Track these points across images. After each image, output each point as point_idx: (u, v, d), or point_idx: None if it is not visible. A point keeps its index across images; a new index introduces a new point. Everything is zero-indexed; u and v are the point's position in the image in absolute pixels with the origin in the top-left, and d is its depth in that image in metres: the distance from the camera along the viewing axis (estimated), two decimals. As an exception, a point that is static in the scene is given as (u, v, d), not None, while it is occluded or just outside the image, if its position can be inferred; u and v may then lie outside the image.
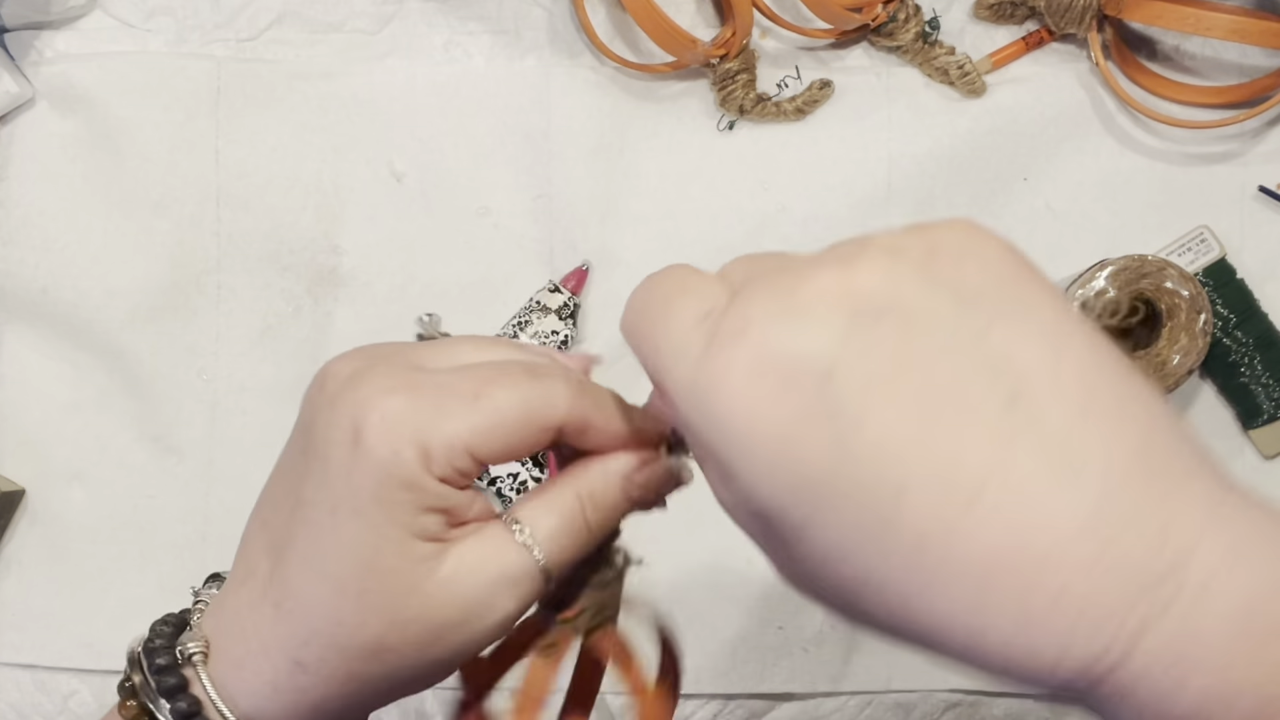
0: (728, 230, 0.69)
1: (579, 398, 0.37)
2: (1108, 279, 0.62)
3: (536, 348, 0.40)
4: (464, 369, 0.36)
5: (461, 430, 0.34)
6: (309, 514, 0.35)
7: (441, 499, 0.34)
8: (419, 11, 0.70)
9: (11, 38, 0.70)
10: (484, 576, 0.35)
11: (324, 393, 0.36)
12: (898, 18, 0.67)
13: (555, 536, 0.36)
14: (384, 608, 0.34)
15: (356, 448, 0.34)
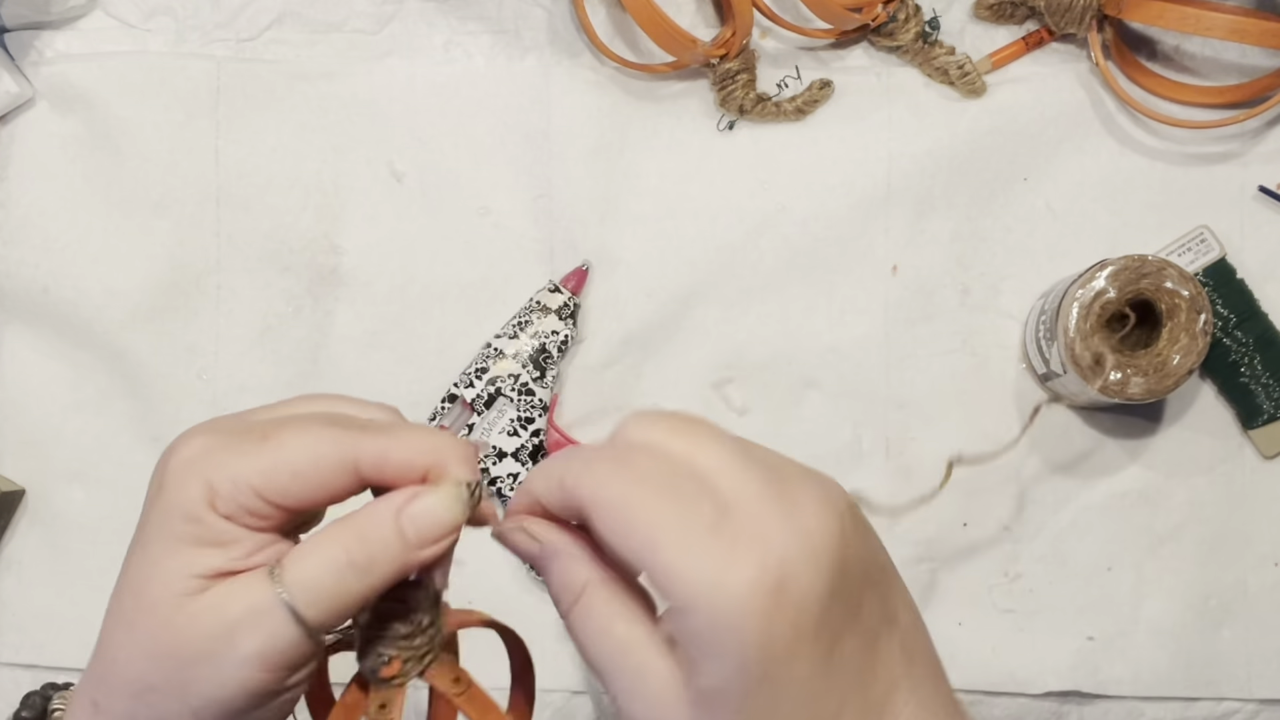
0: (728, 230, 0.69)
1: (376, 439, 0.37)
2: (1108, 279, 0.62)
3: (381, 405, 0.40)
4: (272, 419, 0.37)
5: (247, 469, 0.35)
6: (125, 560, 0.37)
7: (221, 535, 0.35)
8: (419, 11, 0.70)
9: (11, 38, 0.70)
10: (226, 611, 0.35)
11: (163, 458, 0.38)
12: (898, 18, 0.67)
13: (313, 577, 0.36)
14: (144, 640, 0.36)
15: (159, 492, 0.36)
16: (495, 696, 0.41)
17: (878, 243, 0.69)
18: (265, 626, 0.35)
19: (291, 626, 0.35)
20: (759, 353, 0.69)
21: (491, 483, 0.67)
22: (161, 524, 0.36)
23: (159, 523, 0.36)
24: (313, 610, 0.36)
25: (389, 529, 0.37)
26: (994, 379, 0.69)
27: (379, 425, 0.37)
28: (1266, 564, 0.67)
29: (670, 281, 0.69)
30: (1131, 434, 0.68)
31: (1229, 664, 0.67)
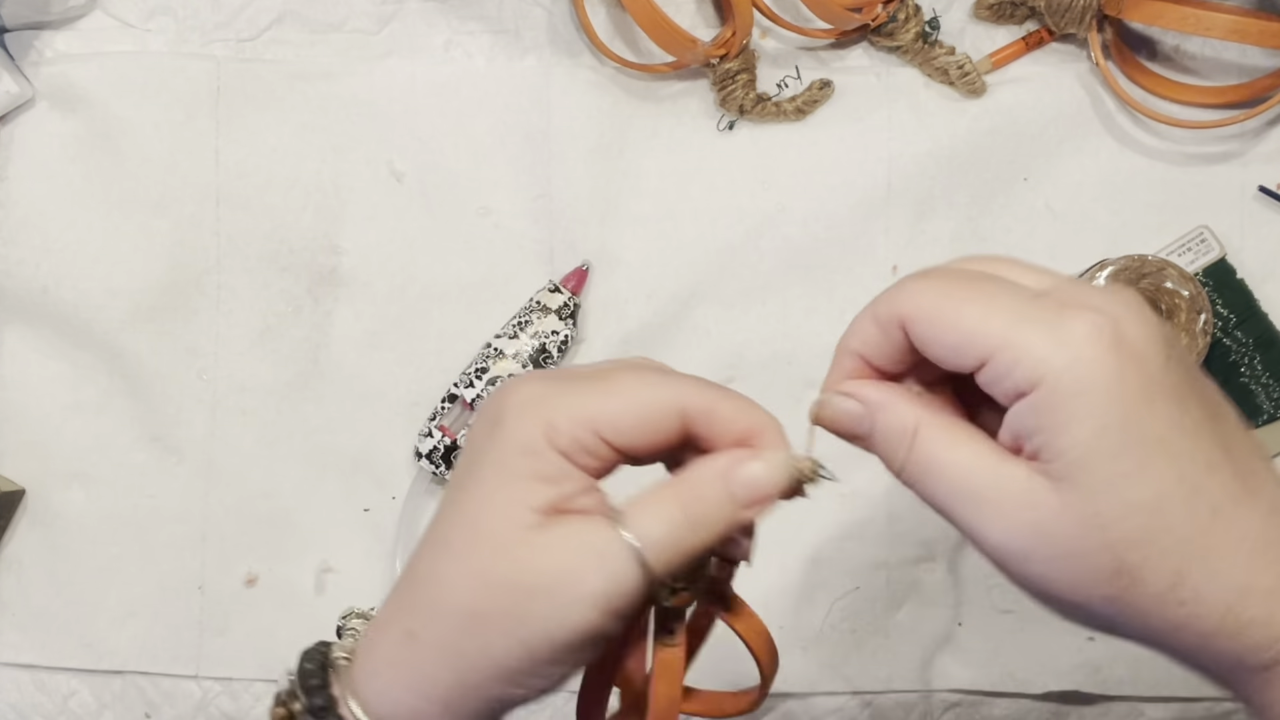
0: (728, 230, 0.69)
1: (704, 391, 0.38)
2: (1108, 279, 0.62)
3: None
4: (604, 367, 0.38)
5: (587, 408, 0.36)
6: (445, 496, 0.38)
7: (556, 471, 0.36)
8: (419, 11, 0.70)
9: (11, 38, 0.70)
10: (573, 548, 0.36)
11: (486, 402, 0.39)
12: (898, 18, 0.67)
13: (653, 528, 0.37)
14: (479, 569, 0.36)
15: (494, 429, 0.37)
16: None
17: (878, 243, 0.69)
18: (611, 568, 0.36)
19: (636, 573, 0.36)
20: (759, 353, 0.69)
21: None
22: (499, 458, 0.36)
23: (496, 456, 0.36)
24: (656, 560, 0.36)
25: (720, 490, 0.38)
26: (994, 379, 0.69)
27: (704, 381, 0.38)
28: (1266, 564, 0.67)
29: (670, 281, 0.69)
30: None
31: (1229, 664, 0.67)
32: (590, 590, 0.36)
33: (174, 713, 0.69)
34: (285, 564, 0.69)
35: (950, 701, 0.68)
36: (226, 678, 0.69)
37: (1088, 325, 0.33)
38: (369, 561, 0.69)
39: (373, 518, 0.69)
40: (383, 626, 0.38)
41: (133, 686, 0.69)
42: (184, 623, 0.69)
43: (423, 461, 0.67)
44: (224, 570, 0.69)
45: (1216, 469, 0.34)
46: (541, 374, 0.39)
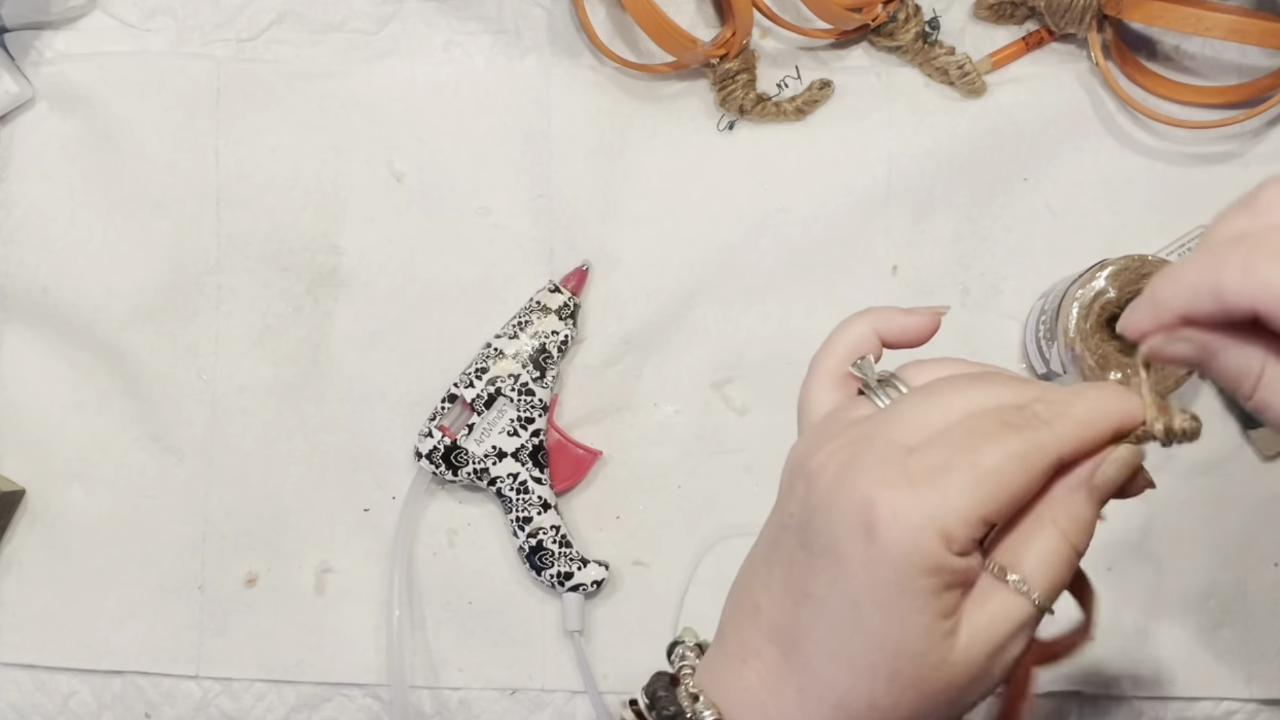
0: (728, 230, 0.69)
1: (1061, 428, 0.37)
2: (1108, 279, 0.62)
3: (980, 366, 0.41)
4: (945, 436, 0.37)
5: (972, 504, 0.35)
6: (825, 607, 0.37)
7: (963, 573, 0.36)
8: (419, 11, 0.70)
9: (11, 38, 0.70)
10: (996, 637, 0.37)
11: (817, 489, 0.37)
12: (898, 18, 0.67)
13: (1043, 570, 0.37)
14: (915, 686, 0.36)
15: (872, 544, 0.35)
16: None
17: (878, 243, 0.69)
18: (1027, 630, 0.37)
19: (1036, 616, 0.37)
20: (759, 353, 0.69)
21: (491, 482, 0.67)
22: (901, 583, 0.35)
23: (897, 582, 0.35)
24: (1048, 600, 0.37)
25: (1087, 504, 0.38)
26: (994, 379, 0.69)
27: (1046, 410, 0.37)
28: (1266, 564, 0.67)
29: (670, 281, 0.69)
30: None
31: (1229, 664, 0.67)
32: (1012, 661, 0.37)
33: (174, 713, 0.69)
34: (285, 564, 0.69)
35: (950, 701, 0.68)
36: (226, 678, 0.69)
37: None
38: (369, 561, 0.69)
39: (373, 518, 0.69)
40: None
41: (133, 686, 0.69)
42: (184, 623, 0.69)
43: (423, 461, 0.67)
44: (224, 570, 0.69)
45: None
46: (881, 460, 0.36)
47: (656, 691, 0.41)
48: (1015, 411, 0.37)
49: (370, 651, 0.68)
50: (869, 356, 0.42)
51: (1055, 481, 0.38)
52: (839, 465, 0.37)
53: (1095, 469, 0.37)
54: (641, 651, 0.68)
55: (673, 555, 0.68)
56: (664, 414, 0.69)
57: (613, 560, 0.68)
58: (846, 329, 0.45)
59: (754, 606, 0.39)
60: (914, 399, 0.39)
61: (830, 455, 0.38)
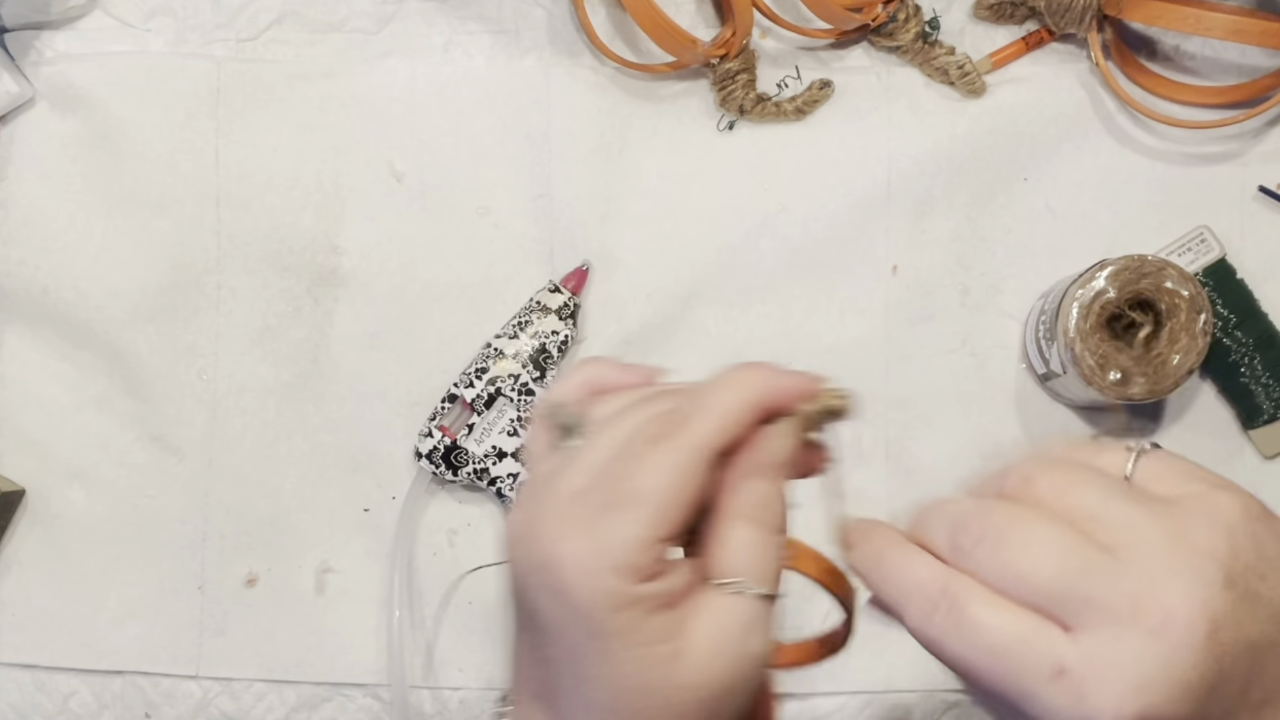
0: (727, 230, 0.69)
1: (699, 422, 0.37)
2: (1108, 279, 0.62)
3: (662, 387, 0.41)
4: (604, 471, 0.37)
5: (639, 531, 0.35)
6: (560, 668, 0.37)
7: (663, 595, 0.36)
8: (419, 11, 0.70)
9: (11, 38, 0.70)
10: (727, 640, 0.36)
11: (514, 560, 0.37)
12: (898, 18, 0.67)
13: (747, 561, 0.37)
14: (668, 709, 0.36)
15: (562, 603, 0.35)
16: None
17: (878, 243, 0.69)
18: (762, 622, 0.37)
19: (766, 606, 0.37)
20: (759, 353, 0.69)
21: (491, 482, 0.67)
22: (603, 627, 0.35)
23: (600, 628, 0.35)
24: (773, 586, 0.37)
25: (764, 485, 0.38)
26: (994, 379, 0.69)
27: (685, 408, 0.37)
28: (1266, 564, 0.67)
29: (670, 281, 0.69)
30: (1132, 434, 0.68)
31: (1229, 664, 0.67)
32: (762, 652, 0.37)
33: (174, 713, 0.69)
34: (285, 564, 0.69)
35: (950, 701, 0.68)
36: (226, 678, 0.69)
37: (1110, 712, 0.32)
38: (369, 561, 0.69)
39: (373, 518, 0.69)
40: None
41: (133, 686, 0.69)
42: (184, 623, 0.69)
43: (423, 461, 0.67)
44: (224, 570, 0.69)
45: None
46: (553, 513, 0.36)
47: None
48: (659, 422, 0.37)
49: (370, 651, 0.68)
50: (566, 403, 0.41)
51: (731, 480, 0.37)
52: (522, 532, 0.37)
53: (763, 450, 0.38)
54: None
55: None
56: (664, 414, 0.69)
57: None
58: (569, 376, 0.42)
59: (520, 675, 0.39)
60: (586, 444, 0.38)
61: (519, 519, 0.37)
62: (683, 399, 0.38)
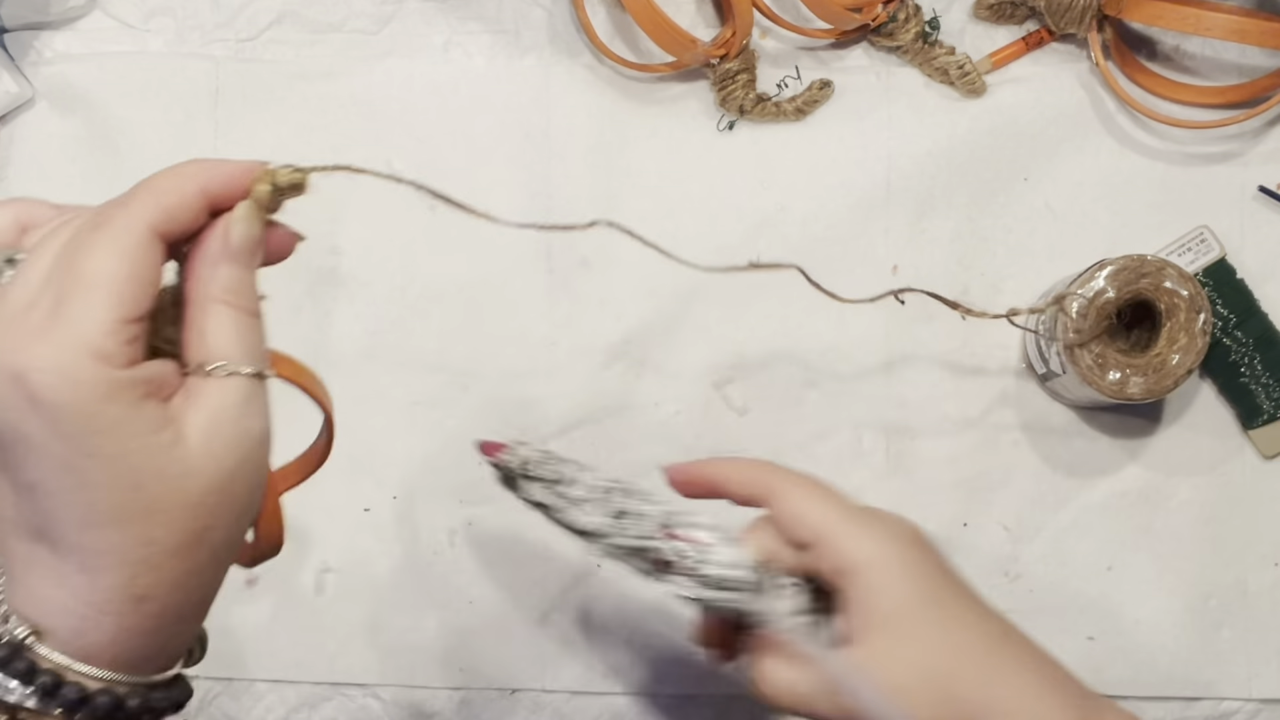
0: (727, 230, 0.69)
1: (137, 202, 0.36)
2: (1107, 279, 0.62)
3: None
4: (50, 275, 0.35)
5: (101, 315, 0.34)
6: (49, 488, 0.35)
7: (147, 382, 0.35)
8: (419, 11, 0.70)
9: (11, 38, 0.70)
10: (226, 424, 0.37)
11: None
12: (898, 18, 0.67)
13: (231, 343, 0.38)
14: (178, 504, 0.36)
15: (41, 410, 0.34)
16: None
17: (878, 243, 0.69)
18: (258, 398, 0.40)
19: (261, 388, 0.40)
20: (759, 353, 0.69)
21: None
22: (91, 423, 0.34)
23: (86, 424, 0.34)
24: (256, 366, 0.40)
25: (240, 271, 0.40)
26: (994, 379, 0.69)
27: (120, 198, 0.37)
28: (1266, 564, 0.67)
29: (670, 281, 0.69)
30: (1131, 434, 0.68)
31: (1229, 664, 0.67)
32: (257, 440, 0.39)
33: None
34: (285, 564, 0.69)
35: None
36: (227, 678, 0.69)
37: (894, 523, 0.49)
38: (369, 561, 0.69)
39: (373, 518, 0.69)
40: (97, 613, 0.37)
41: (133, 686, 0.69)
42: (184, 623, 0.69)
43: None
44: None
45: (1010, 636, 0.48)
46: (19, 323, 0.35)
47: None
48: (92, 214, 0.37)
49: (370, 651, 0.68)
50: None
51: (195, 265, 0.38)
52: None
53: (224, 235, 0.38)
54: (644, 651, 0.68)
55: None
56: (664, 414, 0.69)
57: (613, 560, 0.68)
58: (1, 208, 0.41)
59: (3, 520, 0.37)
60: (23, 263, 0.37)
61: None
62: (118, 198, 0.37)
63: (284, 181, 0.39)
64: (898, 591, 0.46)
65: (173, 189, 0.37)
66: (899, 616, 0.45)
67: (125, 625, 0.36)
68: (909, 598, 0.46)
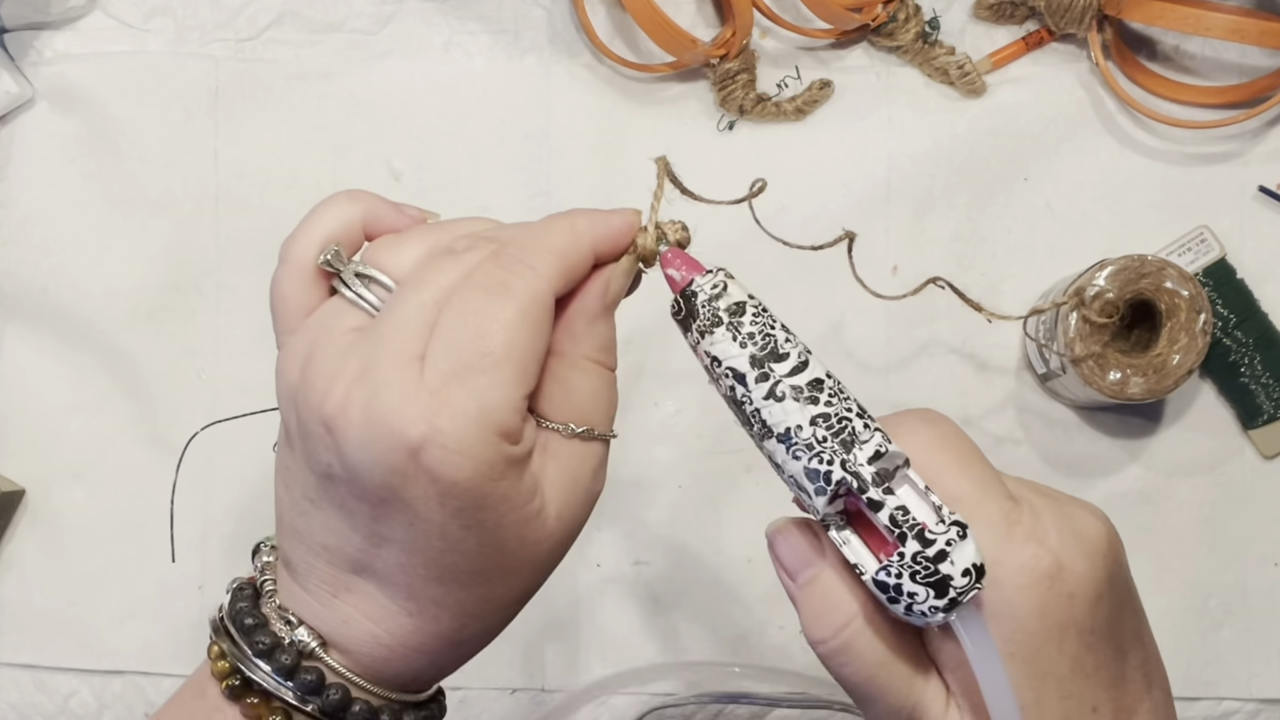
0: (728, 230, 0.69)
1: (543, 267, 0.35)
2: (1107, 279, 0.62)
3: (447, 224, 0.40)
4: (445, 332, 0.34)
5: (507, 392, 0.34)
6: (411, 546, 0.35)
7: (527, 453, 0.35)
8: (419, 11, 0.70)
9: (11, 38, 0.70)
10: (581, 488, 0.36)
11: (349, 440, 0.34)
12: (898, 18, 0.67)
13: (597, 406, 0.37)
14: (529, 566, 0.36)
15: (436, 482, 0.33)
16: None
17: (878, 243, 0.69)
18: (604, 463, 0.38)
19: (607, 451, 0.38)
20: (759, 353, 0.69)
21: None
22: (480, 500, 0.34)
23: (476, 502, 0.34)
24: (610, 427, 0.38)
25: (610, 327, 0.38)
26: (994, 379, 0.69)
27: (520, 252, 0.35)
28: (1266, 564, 0.67)
29: (670, 281, 0.69)
30: (1131, 434, 0.68)
31: (1229, 664, 0.67)
32: (597, 496, 0.37)
33: (174, 713, 0.69)
34: (285, 564, 0.69)
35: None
36: (226, 678, 0.69)
37: (1028, 556, 0.34)
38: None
39: (372, 518, 0.69)
40: (412, 651, 0.37)
41: (133, 686, 0.69)
42: (184, 623, 0.69)
43: None
44: (224, 570, 0.69)
45: (1100, 711, 0.35)
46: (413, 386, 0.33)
47: (238, 604, 0.38)
48: (494, 269, 0.35)
49: (370, 651, 0.68)
50: (340, 248, 0.38)
51: (561, 325, 0.37)
52: (361, 408, 0.34)
53: (604, 291, 0.37)
54: (643, 651, 0.68)
55: (673, 554, 0.68)
56: (664, 414, 0.69)
57: (613, 560, 0.68)
58: (327, 212, 0.40)
59: (322, 548, 0.37)
60: (402, 297, 0.35)
61: (345, 395, 0.34)
62: (501, 244, 0.36)
63: (673, 239, 0.38)
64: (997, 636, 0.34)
65: (571, 250, 0.36)
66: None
67: (432, 662, 0.37)
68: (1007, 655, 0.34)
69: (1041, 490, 0.37)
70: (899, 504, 0.34)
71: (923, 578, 0.33)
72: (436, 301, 0.35)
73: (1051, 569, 0.34)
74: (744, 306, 0.37)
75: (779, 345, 0.36)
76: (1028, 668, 0.34)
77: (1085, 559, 0.34)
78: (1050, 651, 0.34)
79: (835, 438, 0.35)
